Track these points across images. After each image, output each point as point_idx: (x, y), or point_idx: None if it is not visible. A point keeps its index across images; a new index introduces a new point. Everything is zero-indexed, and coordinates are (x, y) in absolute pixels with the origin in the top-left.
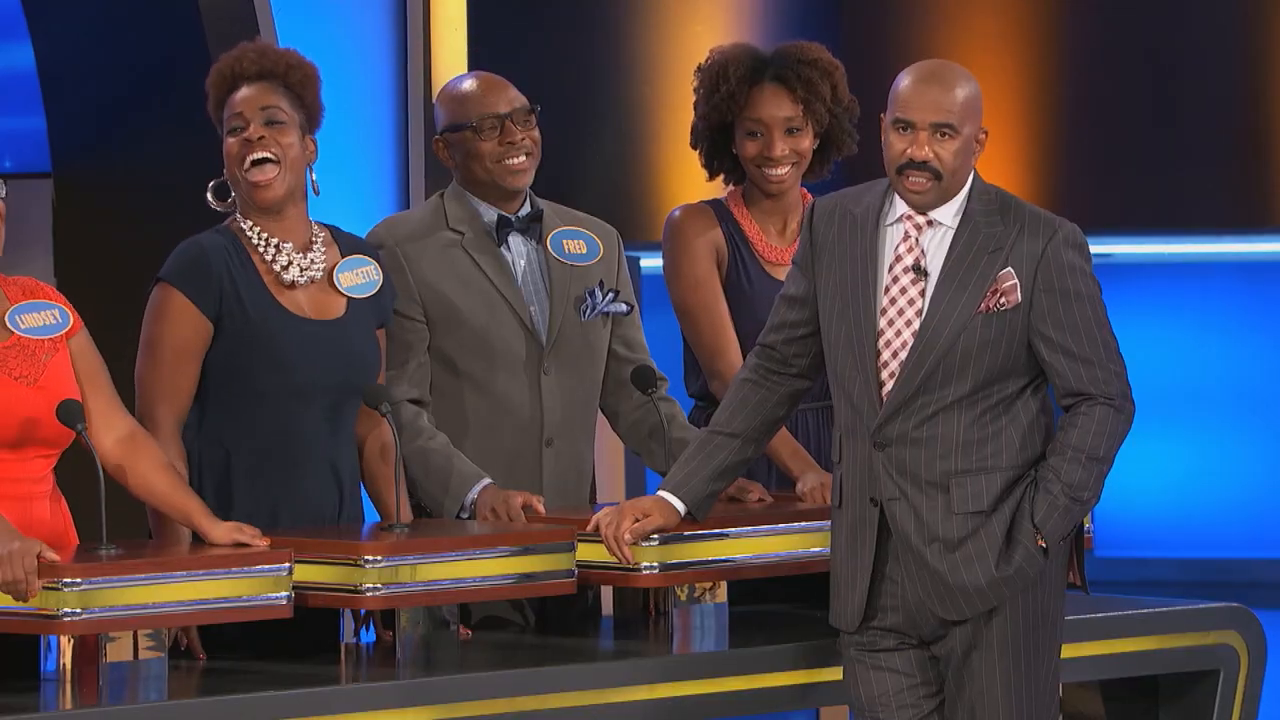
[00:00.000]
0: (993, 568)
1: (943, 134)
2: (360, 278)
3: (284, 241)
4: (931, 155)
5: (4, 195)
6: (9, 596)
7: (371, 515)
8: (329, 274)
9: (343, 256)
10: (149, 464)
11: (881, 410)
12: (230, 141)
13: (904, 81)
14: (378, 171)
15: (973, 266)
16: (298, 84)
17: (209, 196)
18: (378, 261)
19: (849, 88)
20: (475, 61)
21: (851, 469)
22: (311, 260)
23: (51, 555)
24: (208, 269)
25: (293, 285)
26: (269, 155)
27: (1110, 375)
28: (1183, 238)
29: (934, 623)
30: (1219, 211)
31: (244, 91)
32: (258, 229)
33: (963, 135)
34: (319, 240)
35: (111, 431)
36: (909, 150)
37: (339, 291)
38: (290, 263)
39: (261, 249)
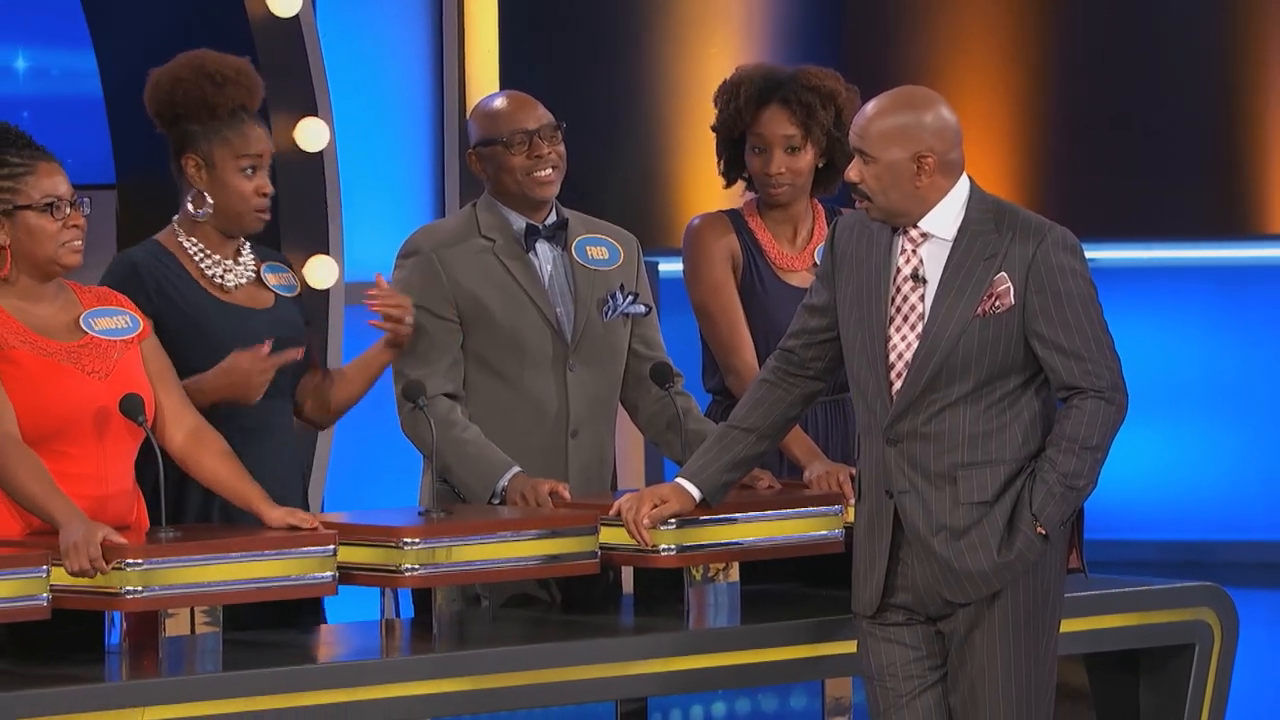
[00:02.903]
0: (995, 554)
1: (864, 159)
2: (284, 280)
3: (217, 252)
4: (857, 175)
5: (87, 212)
6: (85, 576)
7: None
8: (257, 274)
9: (262, 262)
10: (213, 455)
11: (892, 409)
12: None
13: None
14: (416, 182)
15: (970, 273)
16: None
17: (189, 206)
18: (291, 269)
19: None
20: (506, 81)
21: (869, 464)
22: (244, 265)
23: (116, 538)
24: (140, 277)
25: (232, 288)
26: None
27: (1101, 369)
28: (1160, 244)
29: (941, 603)
30: (1194, 220)
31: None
32: (198, 242)
33: (881, 160)
34: (244, 249)
35: (181, 426)
36: (849, 173)
37: (268, 288)
38: (227, 270)
39: (199, 259)
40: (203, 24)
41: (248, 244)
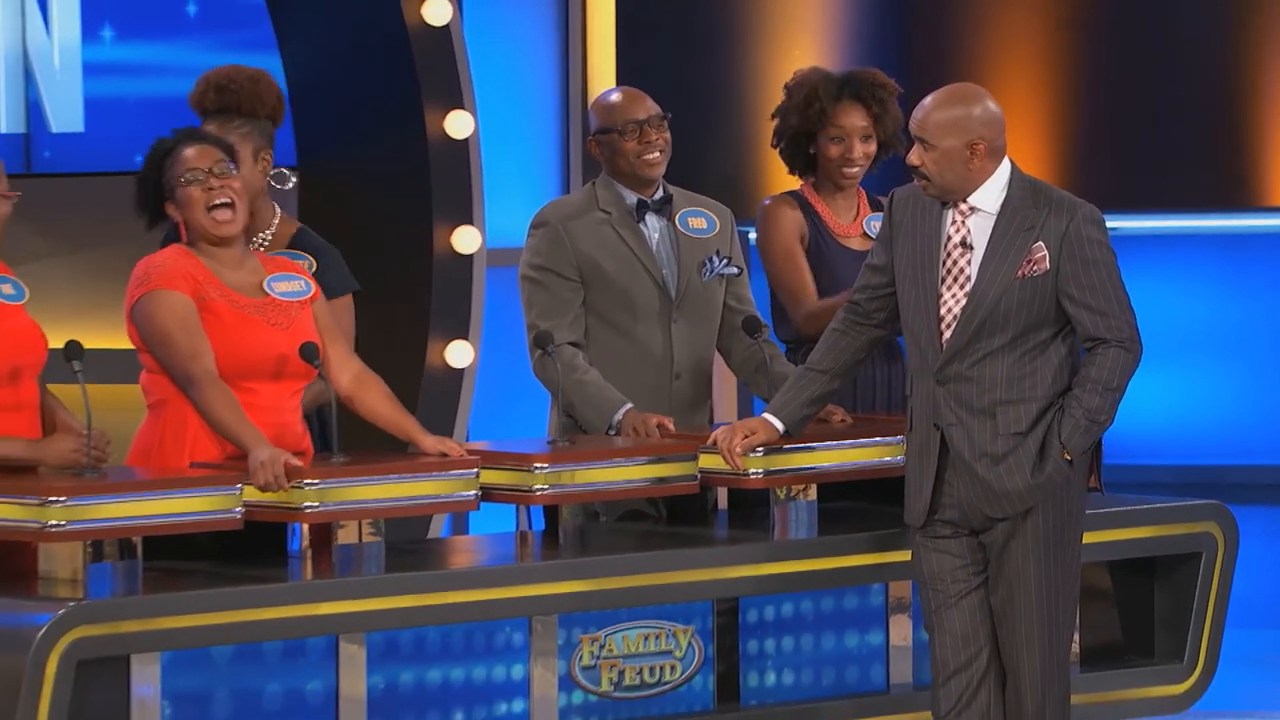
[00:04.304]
0: (1029, 476)
1: (923, 146)
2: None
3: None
4: (918, 160)
5: (234, 172)
6: (266, 492)
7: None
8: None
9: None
10: (375, 395)
11: (942, 355)
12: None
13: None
14: (545, 164)
15: (1011, 242)
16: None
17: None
18: (14, 276)
19: (910, 100)
20: (622, 78)
21: (920, 401)
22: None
23: (296, 461)
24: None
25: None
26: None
27: (1121, 323)
28: (1172, 215)
29: (982, 518)
30: (1201, 195)
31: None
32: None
33: (939, 147)
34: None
35: (347, 371)
36: (910, 157)
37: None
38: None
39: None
40: (369, 32)
41: (259, 249)
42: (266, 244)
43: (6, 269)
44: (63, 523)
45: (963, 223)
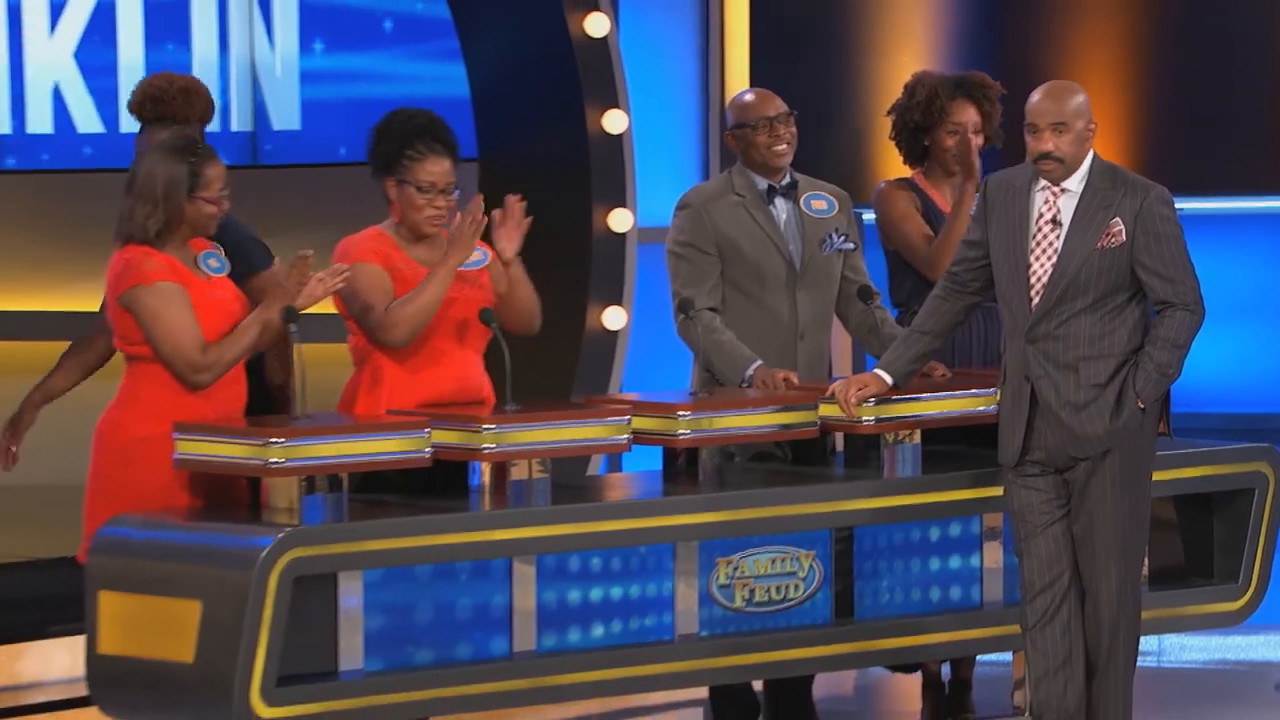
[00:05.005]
0: (1107, 422)
1: (1059, 130)
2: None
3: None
4: (1053, 146)
5: (455, 196)
6: (451, 434)
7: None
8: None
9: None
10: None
11: (1031, 317)
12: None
13: (1032, 99)
14: (688, 155)
15: (1092, 218)
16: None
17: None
18: (220, 251)
19: (1007, 99)
20: (755, 79)
21: (1012, 358)
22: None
23: (474, 412)
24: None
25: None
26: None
27: (1187, 289)
28: (1231, 197)
29: (1066, 458)
30: (1257, 179)
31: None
32: None
33: (1073, 130)
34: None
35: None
36: (1037, 146)
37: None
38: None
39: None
40: (539, 44)
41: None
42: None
43: (208, 244)
44: (282, 461)
45: (1054, 202)
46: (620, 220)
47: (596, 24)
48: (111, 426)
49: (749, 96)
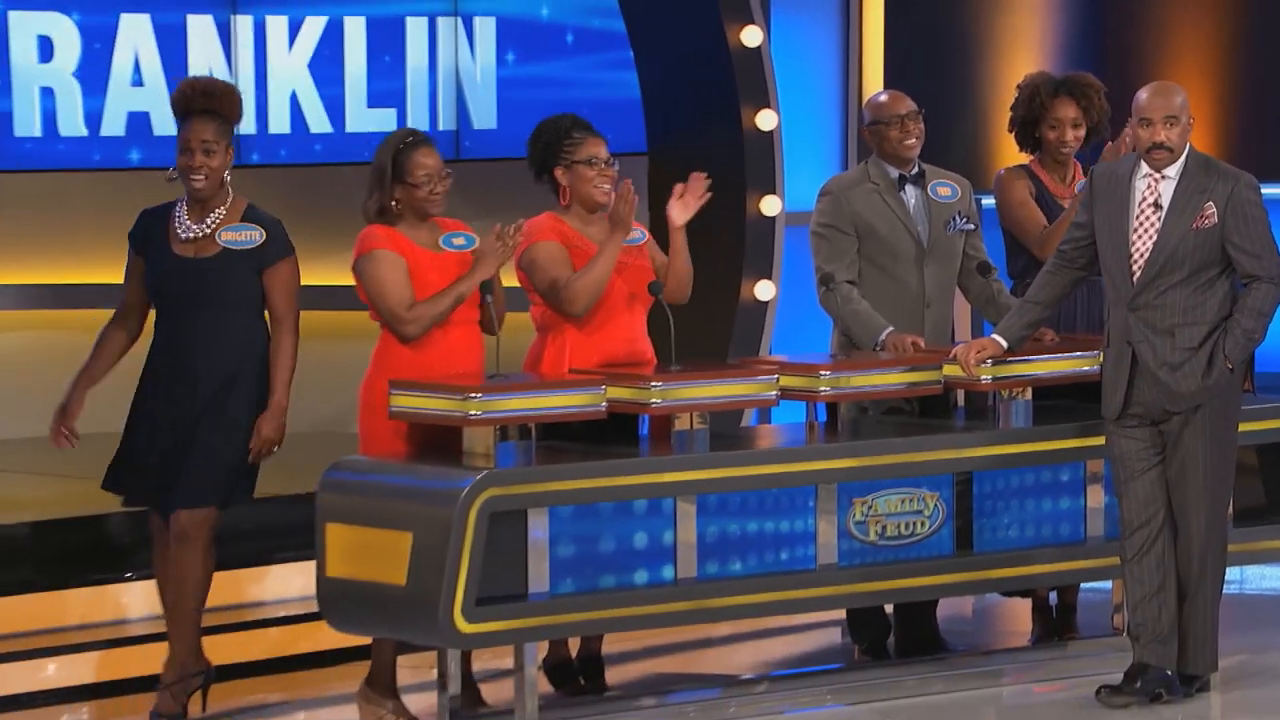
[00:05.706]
0: (1199, 380)
1: (1170, 123)
2: (242, 236)
3: (188, 215)
4: (1165, 138)
5: (617, 168)
6: (624, 390)
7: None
8: (214, 233)
9: (239, 221)
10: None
11: (1133, 289)
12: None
13: (1142, 96)
14: (829, 148)
15: (1189, 202)
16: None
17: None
18: (265, 229)
19: (1110, 95)
20: (888, 82)
21: (1115, 324)
22: (206, 224)
23: (643, 371)
24: (138, 226)
25: (186, 239)
26: (201, 174)
27: (1272, 265)
28: None
29: (1162, 412)
30: None
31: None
32: (183, 204)
33: (1182, 122)
34: (216, 213)
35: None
36: (1150, 137)
37: (217, 244)
38: (187, 224)
39: (178, 215)
40: (701, 51)
41: (224, 211)
42: (223, 216)
43: (462, 225)
44: (479, 413)
45: (1155, 188)
46: (770, 205)
47: (751, 35)
48: (366, 382)
49: (883, 97)
